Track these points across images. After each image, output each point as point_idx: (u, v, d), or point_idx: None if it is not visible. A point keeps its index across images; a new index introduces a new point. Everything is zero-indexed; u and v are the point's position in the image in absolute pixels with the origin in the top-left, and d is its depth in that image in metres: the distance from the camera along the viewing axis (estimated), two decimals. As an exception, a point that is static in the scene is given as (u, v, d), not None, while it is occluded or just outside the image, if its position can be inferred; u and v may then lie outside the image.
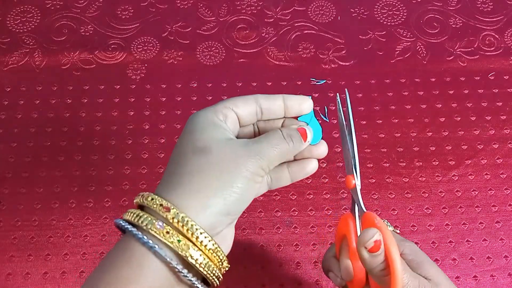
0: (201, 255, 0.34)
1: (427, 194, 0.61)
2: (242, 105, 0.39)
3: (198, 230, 0.34)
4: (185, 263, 0.34)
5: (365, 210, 0.41)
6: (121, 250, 0.34)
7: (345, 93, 0.44)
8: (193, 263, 0.34)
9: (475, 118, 0.67)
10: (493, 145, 0.65)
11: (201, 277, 0.36)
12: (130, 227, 0.34)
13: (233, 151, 0.36)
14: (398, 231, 0.59)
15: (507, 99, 0.68)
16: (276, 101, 0.40)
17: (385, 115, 0.67)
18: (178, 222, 0.34)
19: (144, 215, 0.34)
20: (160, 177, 0.62)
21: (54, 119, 0.66)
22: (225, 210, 0.35)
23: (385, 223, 0.44)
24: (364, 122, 0.66)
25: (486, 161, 0.64)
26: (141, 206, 0.36)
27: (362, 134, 0.65)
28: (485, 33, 0.73)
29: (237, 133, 0.40)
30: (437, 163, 0.63)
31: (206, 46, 0.72)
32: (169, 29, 0.73)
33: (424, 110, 0.67)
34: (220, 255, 0.35)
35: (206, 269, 0.35)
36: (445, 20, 0.74)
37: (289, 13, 0.75)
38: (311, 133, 0.40)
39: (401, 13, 0.75)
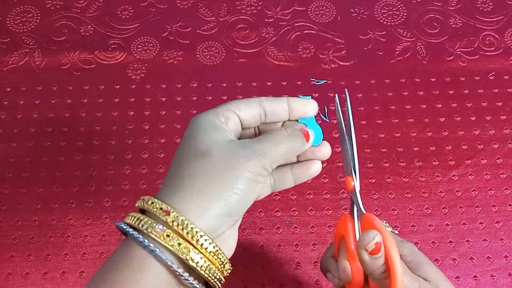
0: (202, 258, 0.34)
1: (427, 194, 0.61)
2: (245, 108, 0.39)
3: (198, 233, 0.34)
4: (186, 266, 0.34)
5: (364, 211, 0.41)
6: (122, 253, 0.34)
7: (345, 93, 0.44)
8: (194, 266, 0.34)
9: (475, 118, 0.67)
10: (493, 145, 0.65)
11: (203, 280, 0.36)
12: (131, 230, 0.34)
13: (234, 152, 0.36)
14: (396, 231, 0.59)
15: (507, 99, 0.68)
16: (281, 104, 0.40)
17: (385, 115, 0.67)
18: (178, 225, 0.34)
19: (145, 218, 0.34)
20: (160, 177, 0.62)
21: (54, 119, 0.66)
22: (226, 211, 0.35)
23: (384, 224, 0.44)
24: (364, 122, 0.66)
25: (486, 161, 0.64)
26: (143, 210, 0.36)
27: (362, 134, 0.65)
28: (485, 33, 0.73)
29: (239, 135, 0.40)
30: (437, 163, 0.63)
31: (206, 46, 0.72)
32: (169, 29, 0.73)
33: (424, 110, 0.67)
34: (222, 257, 0.35)
35: (207, 272, 0.35)
36: (445, 20, 0.74)
37: (289, 13, 0.75)
38: (312, 134, 0.40)
39: (401, 13, 0.75)
